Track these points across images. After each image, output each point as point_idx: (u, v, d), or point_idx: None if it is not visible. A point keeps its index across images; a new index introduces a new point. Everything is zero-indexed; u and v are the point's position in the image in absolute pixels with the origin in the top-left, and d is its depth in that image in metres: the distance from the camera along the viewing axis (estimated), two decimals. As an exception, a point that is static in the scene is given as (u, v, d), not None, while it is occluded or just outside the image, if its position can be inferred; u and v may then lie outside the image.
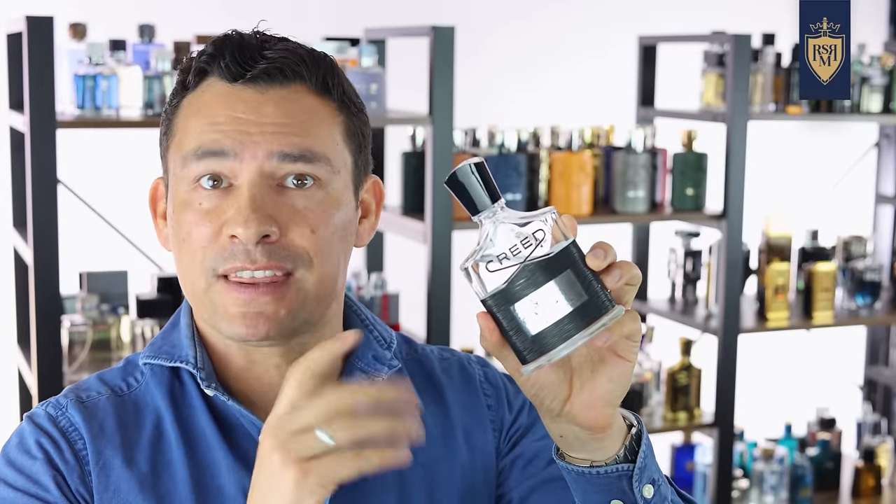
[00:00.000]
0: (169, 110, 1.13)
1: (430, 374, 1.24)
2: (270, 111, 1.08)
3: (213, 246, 1.07)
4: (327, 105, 1.11)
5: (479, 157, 0.93)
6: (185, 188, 1.09)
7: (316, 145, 1.08)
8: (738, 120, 3.05)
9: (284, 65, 1.09)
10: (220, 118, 1.08)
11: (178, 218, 1.10)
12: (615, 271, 0.93)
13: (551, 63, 3.75)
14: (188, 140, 1.09)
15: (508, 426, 1.23)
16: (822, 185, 4.08)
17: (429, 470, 1.17)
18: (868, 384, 3.97)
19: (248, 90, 1.08)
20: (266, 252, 1.06)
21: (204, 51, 1.11)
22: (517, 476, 1.21)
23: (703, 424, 3.20)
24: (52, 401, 1.14)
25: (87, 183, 2.94)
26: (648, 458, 1.02)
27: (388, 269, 3.16)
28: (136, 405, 1.14)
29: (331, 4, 3.45)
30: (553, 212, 0.93)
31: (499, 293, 0.91)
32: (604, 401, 0.96)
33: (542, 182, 2.97)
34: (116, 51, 2.55)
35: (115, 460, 1.10)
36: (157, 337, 1.19)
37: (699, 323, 3.24)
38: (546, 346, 0.91)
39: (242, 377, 1.15)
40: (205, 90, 1.10)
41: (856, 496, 3.53)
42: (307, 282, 1.08)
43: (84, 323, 2.56)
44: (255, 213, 1.05)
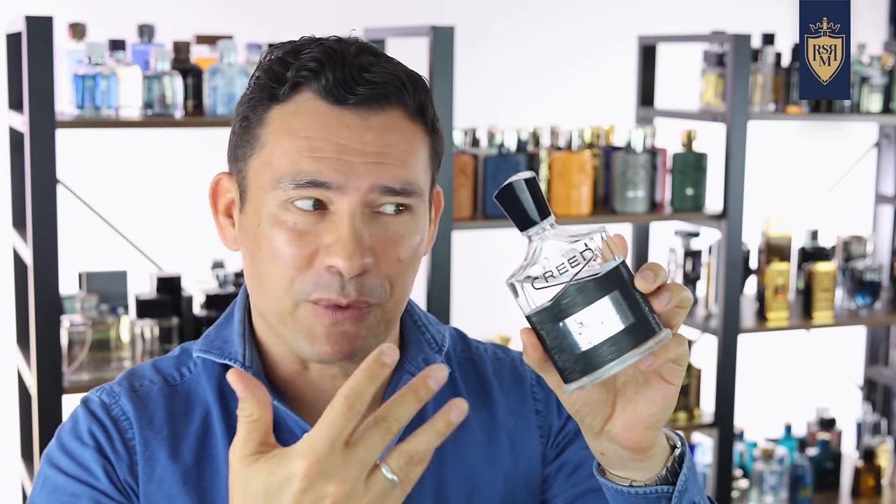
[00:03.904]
0: (252, 117, 1.08)
1: (482, 375, 1.23)
2: (372, 139, 1.05)
3: (306, 271, 1.05)
4: (420, 130, 1.09)
5: (529, 173, 0.92)
6: (277, 203, 1.06)
7: (412, 176, 1.07)
8: (737, 120, 3.05)
9: (386, 90, 1.06)
10: (320, 143, 1.04)
11: (268, 233, 1.07)
12: (664, 294, 0.91)
13: (551, 63, 3.75)
14: (283, 160, 1.05)
15: (556, 432, 1.22)
16: (821, 185, 4.08)
17: (470, 475, 1.16)
18: (868, 384, 3.97)
19: (349, 114, 1.05)
20: (358, 286, 1.05)
21: (299, 62, 1.06)
22: (562, 483, 1.19)
23: (702, 424, 3.20)
24: (106, 387, 1.15)
25: (86, 183, 2.94)
26: (690, 480, 1.01)
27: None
28: (188, 396, 1.15)
29: (331, 4, 3.45)
30: (604, 230, 0.91)
31: (544, 310, 0.90)
32: (646, 423, 0.95)
33: (542, 182, 2.97)
34: (116, 51, 2.55)
35: (160, 452, 1.11)
36: (210, 330, 1.19)
37: (699, 323, 3.24)
38: (589, 366, 0.89)
39: (295, 381, 1.14)
40: (300, 106, 1.06)
41: (856, 496, 3.53)
42: (386, 309, 1.08)
43: (83, 323, 2.56)
44: (358, 248, 1.04)
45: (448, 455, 1.15)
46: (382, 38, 2.99)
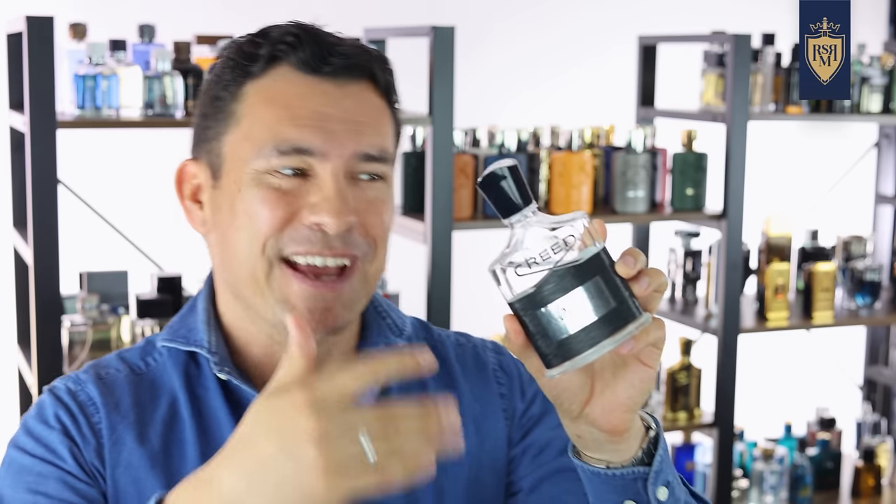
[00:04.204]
0: (224, 95, 1.10)
1: (444, 361, 1.25)
2: (350, 106, 1.09)
3: (284, 229, 1.07)
4: (386, 105, 1.15)
5: (512, 160, 0.93)
6: (259, 171, 1.08)
7: (386, 144, 1.13)
8: (737, 120, 3.05)
9: (360, 61, 1.11)
10: (302, 111, 1.08)
11: (247, 196, 1.08)
12: (644, 279, 0.93)
13: (551, 63, 3.76)
14: (264, 130, 1.08)
15: (521, 415, 1.24)
16: (821, 185, 4.08)
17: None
18: (868, 384, 3.97)
19: (326, 83, 1.09)
20: (344, 241, 1.08)
21: (272, 39, 1.10)
22: (528, 465, 1.22)
23: (702, 424, 3.20)
24: (71, 375, 1.16)
25: (87, 183, 2.94)
26: (664, 460, 1.03)
27: (389, 269, 3.16)
28: (153, 384, 1.16)
29: (331, 4, 3.45)
30: (584, 217, 0.92)
31: (527, 297, 0.91)
32: (624, 406, 0.96)
33: (542, 182, 2.97)
34: (116, 51, 2.55)
35: (127, 436, 1.12)
36: (174, 320, 1.20)
37: (699, 323, 3.24)
38: (572, 351, 0.91)
39: (263, 363, 1.15)
40: (276, 79, 1.09)
41: (855, 496, 3.53)
42: (369, 272, 1.11)
43: (84, 323, 2.56)
44: (344, 205, 1.07)
45: None
46: (383, 39, 2.99)
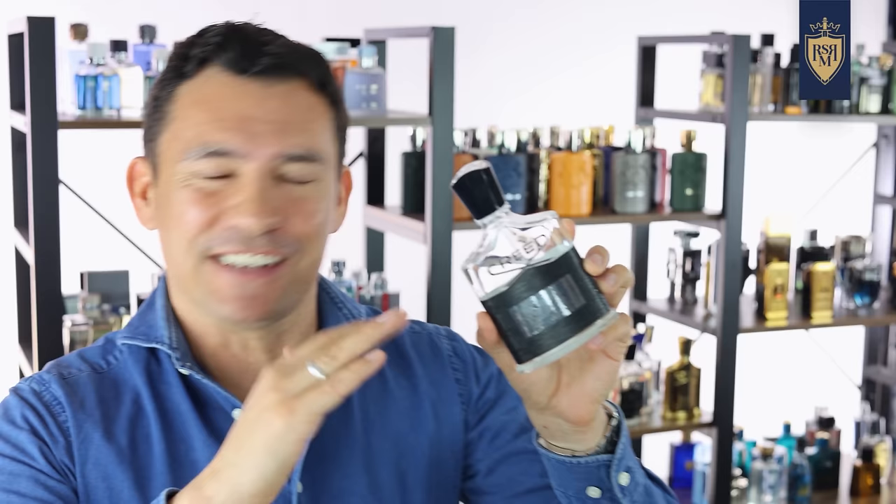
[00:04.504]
0: (162, 96, 1.14)
1: (400, 348, 1.27)
2: (275, 107, 1.10)
3: (208, 230, 1.09)
4: (322, 101, 1.14)
5: (485, 162, 0.96)
6: (185, 172, 1.10)
7: (315, 144, 1.12)
8: (737, 120, 3.06)
9: (288, 61, 1.11)
10: (225, 113, 1.09)
11: (174, 196, 1.11)
12: (611, 276, 0.96)
13: (551, 63, 3.76)
14: (190, 132, 1.10)
15: (476, 400, 1.27)
16: (820, 186, 4.09)
17: (396, 441, 1.21)
18: (866, 383, 3.98)
19: (253, 84, 1.10)
20: (268, 240, 1.09)
21: (203, 40, 1.12)
22: (485, 448, 1.25)
23: (702, 424, 3.20)
24: (35, 376, 1.17)
25: (88, 183, 2.94)
26: (626, 448, 1.07)
27: (389, 269, 3.17)
28: (115, 382, 1.17)
29: (331, 5, 3.46)
30: (554, 216, 0.96)
31: (499, 295, 0.94)
32: (590, 397, 1.00)
33: (542, 182, 2.97)
34: (117, 51, 2.55)
35: (94, 434, 1.13)
36: (133, 318, 1.22)
37: (698, 323, 3.25)
38: (542, 347, 0.94)
39: (218, 355, 1.18)
40: (206, 80, 1.11)
41: (854, 495, 3.54)
42: (299, 266, 1.12)
43: (85, 323, 2.56)
44: (265, 207, 1.08)
45: (374, 422, 1.20)
46: (383, 39, 3.00)
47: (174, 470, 1.13)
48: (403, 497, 1.20)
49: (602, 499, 1.07)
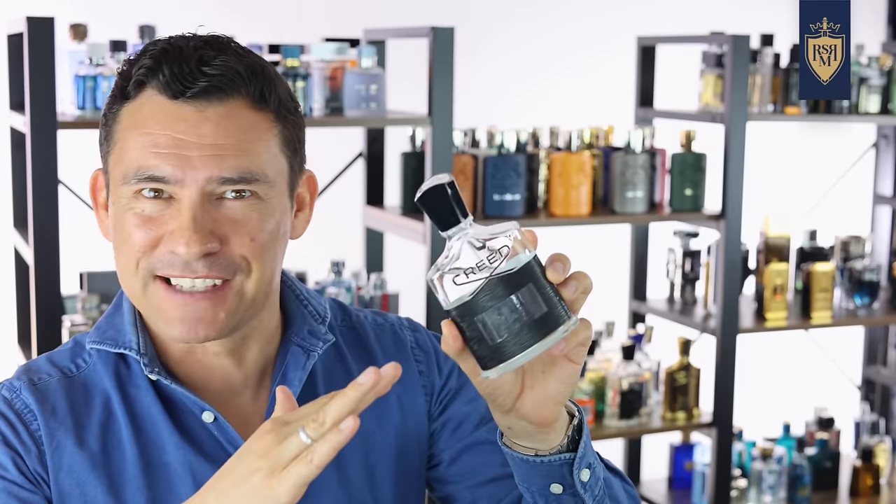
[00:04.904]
0: (109, 115, 1.15)
1: (364, 341, 1.29)
2: (209, 131, 1.09)
3: (151, 252, 1.11)
4: (264, 118, 1.13)
5: (448, 177, 0.99)
6: (127, 196, 1.12)
7: (254, 165, 1.11)
8: (736, 120, 3.06)
9: (222, 82, 1.10)
10: (160, 139, 1.09)
11: (120, 218, 1.13)
12: (572, 283, 0.99)
13: (550, 63, 3.76)
14: (128, 157, 1.11)
15: (439, 390, 1.30)
16: (820, 186, 4.09)
17: (364, 435, 1.23)
18: (866, 384, 3.98)
19: (187, 108, 1.10)
20: (207, 264, 1.10)
21: (141, 61, 1.12)
22: (447, 438, 1.29)
23: (701, 424, 3.20)
24: (5, 383, 1.18)
25: (87, 183, 2.94)
26: (587, 446, 1.11)
27: (388, 270, 3.17)
28: (85, 386, 1.18)
29: (331, 5, 3.45)
30: (516, 227, 0.99)
31: (464, 304, 0.97)
32: (553, 399, 1.04)
33: (541, 182, 2.97)
34: (117, 51, 2.55)
35: (66, 441, 1.14)
36: (101, 320, 1.23)
37: (698, 323, 3.25)
38: (506, 354, 0.97)
39: (184, 361, 1.19)
40: (143, 102, 1.12)
41: (854, 496, 3.54)
42: (245, 287, 1.13)
43: (85, 323, 2.56)
44: (197, 234, 1.08)
45: None
46: (382, 39, 3.00)
47: (147, 474, 1.14)
48: (372, 489, 1.23)
49: (564, 494, 1.11)
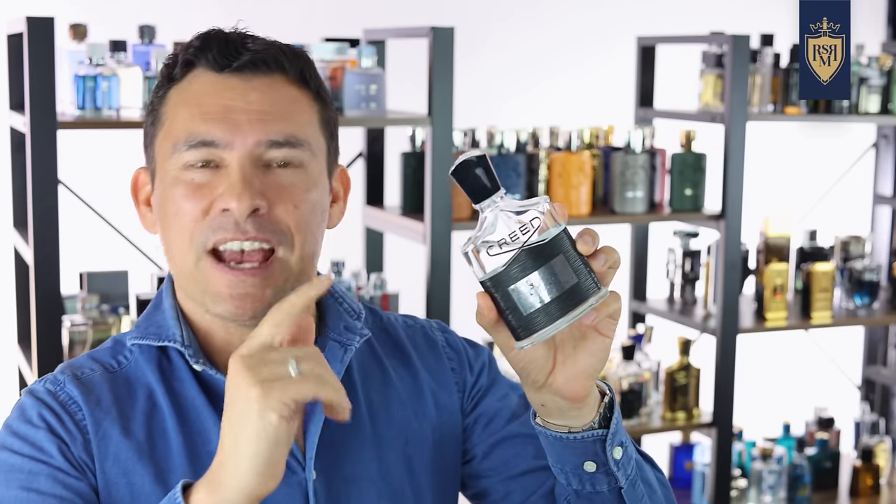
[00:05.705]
0: (155, 101, 1.21)
1: (397, 341, 1.33)
2: (256, 98, 1.16)
3: (204, 219, 1.14)
4: (306, 95, 1.20)
5: (482, 150, 1.01)
6: (176, 168, 1.16)
7: (298, 131, 1.17)
8: (736, 120, 3.06)
9: (267, 56, 1.17)
10: (210, 107, 1.15)
11: (169, 194, 1.17)
12: (601, 256, 1.03)
13: (550, 63, 3.76)
14: (178, 128, 1.16)
15: (471, 387, 1.34)
16: (820, 186, 4.09)
17: (402, 429, 1.27)
18: (866, 384, 3.98)
19: (234, 79, 1.17)
20: (255, 224, 1.14)
21: (190, 45, 1.19)
22: (480, 433, 1.32)
23: (701, 424, 3.20)
24: (49, 377, 1.20)
25: (87, 183, 2.94)
26: (619, 424, 1.13)
27: (388, 269, 3.17)
28: (128, 380, 1.21)
29: (331, 5, 3.45)
30: (547, 200, 1.02)
31: (497, 275, 1.00)
32: (585, 374, 1.06)
33: (541, 182, 2.97)
34: (117, 52, 2.55)
35: (112, 431, 1.16)
36: (141, 319, 1.25)
37: (698, 323, 3.25)
38: (539, 324, 1.00)
39: (226, 351, 1.21)
40: (192, 81, 1.18)
41: (854, 496, 3.54)
42: (289, 261, 1.17)
43: (84, 323, 2.56)
44: (247, 189, 1.13)
45: (380, 414, 1.27)
46: (382, 39, 3.00)
47: (192, 462, 1.16)
48: (411, 479, 1.26)
49: (598, 472, 1.13)
